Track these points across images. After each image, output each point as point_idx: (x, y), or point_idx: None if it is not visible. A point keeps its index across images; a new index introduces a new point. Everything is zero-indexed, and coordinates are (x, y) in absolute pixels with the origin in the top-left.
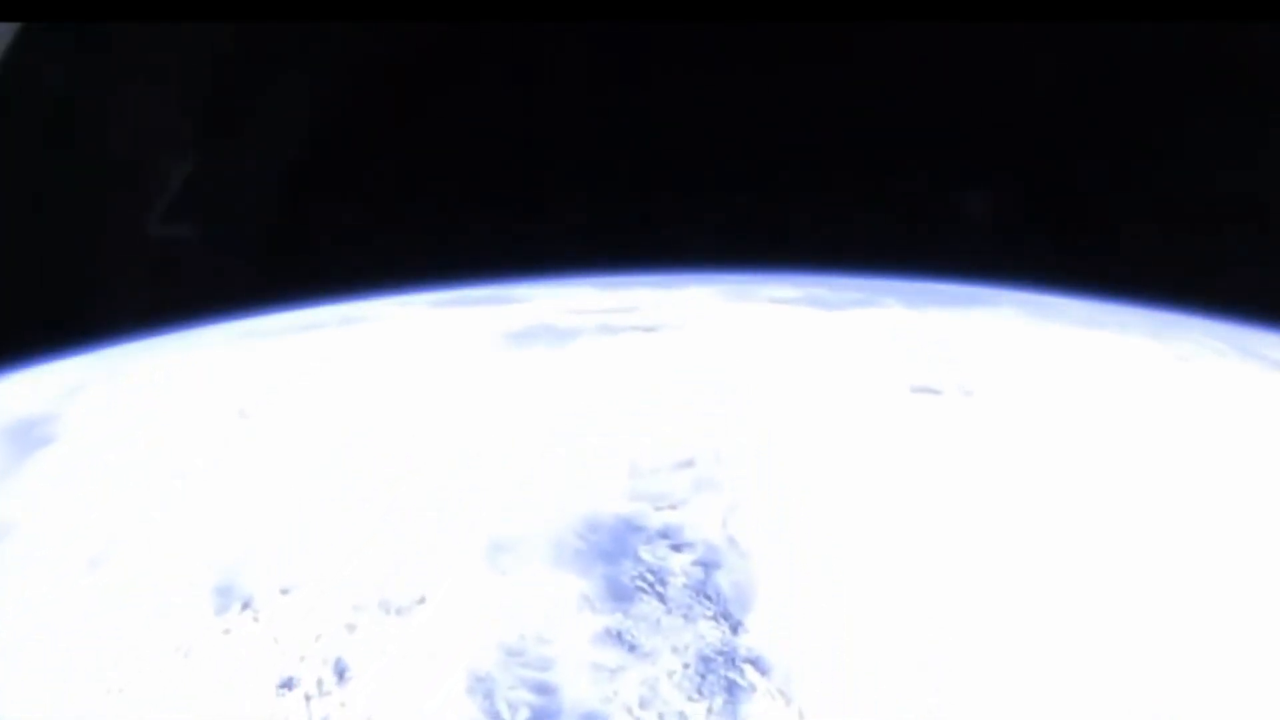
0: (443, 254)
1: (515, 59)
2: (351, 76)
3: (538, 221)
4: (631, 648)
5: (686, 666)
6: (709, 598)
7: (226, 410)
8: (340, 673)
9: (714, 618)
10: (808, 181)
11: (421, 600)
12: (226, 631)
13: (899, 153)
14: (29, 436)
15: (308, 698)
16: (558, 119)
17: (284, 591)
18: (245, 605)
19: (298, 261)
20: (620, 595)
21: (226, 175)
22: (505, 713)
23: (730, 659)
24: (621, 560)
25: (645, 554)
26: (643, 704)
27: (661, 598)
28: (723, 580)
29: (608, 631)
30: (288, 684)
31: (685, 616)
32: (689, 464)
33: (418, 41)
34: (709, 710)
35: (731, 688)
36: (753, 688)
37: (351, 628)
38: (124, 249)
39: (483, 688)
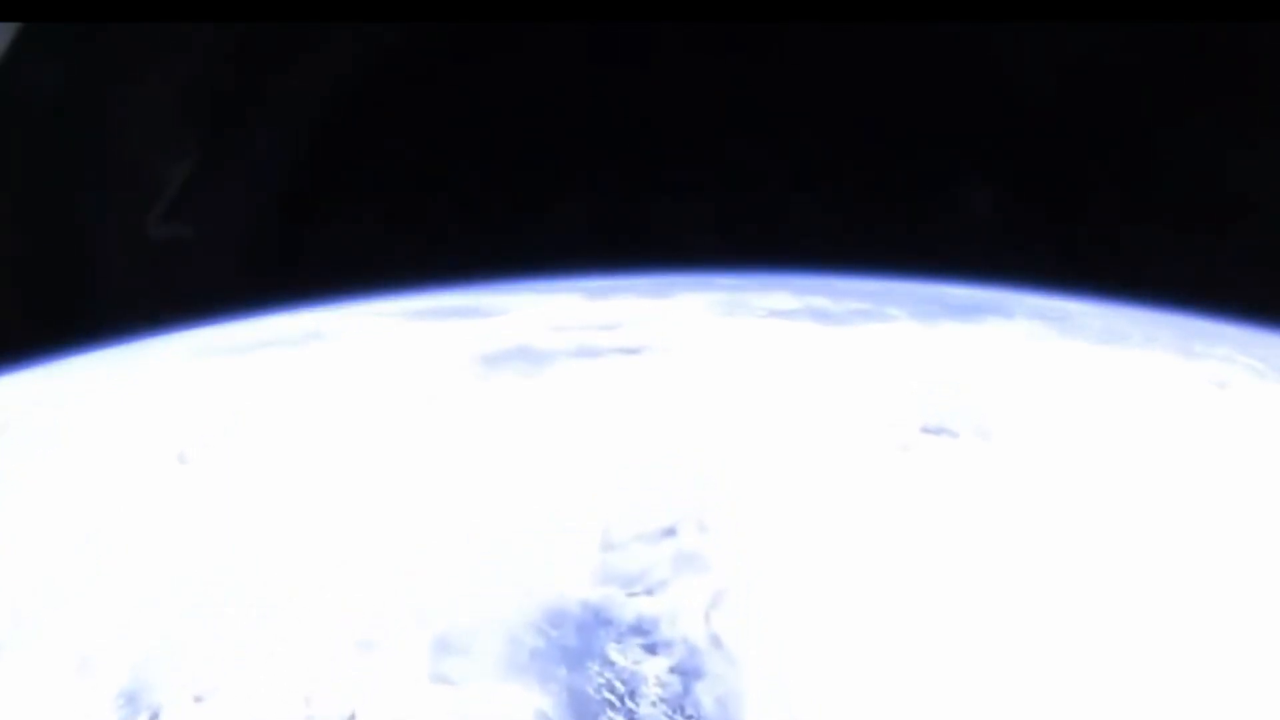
0: (437, 252)
1: (510, 59)
2: (347, 77)
3: (533, 220)
4: None
5: None
6: (689, 718)
7: (165, 454)
8: None
9: None
10: (809, 180)
11: (351, 718)
12: None
13: (901, 152)
14: None
15: None
16: (554, 117)
17: (198, 699)
18: (153, 717)
19: (291, 260)
20: (583, 715)
21: (224, 176)
22: None
23: None
24: (587, 664)
25: (615, 655)
26: None
27: (631, 717)
28: (704, 694)
29: None
30: None
31: None
32: (670, 533)
33: (412, 42)
34: None
35: None
36: None
37: None
38: (122, 249)
39: None
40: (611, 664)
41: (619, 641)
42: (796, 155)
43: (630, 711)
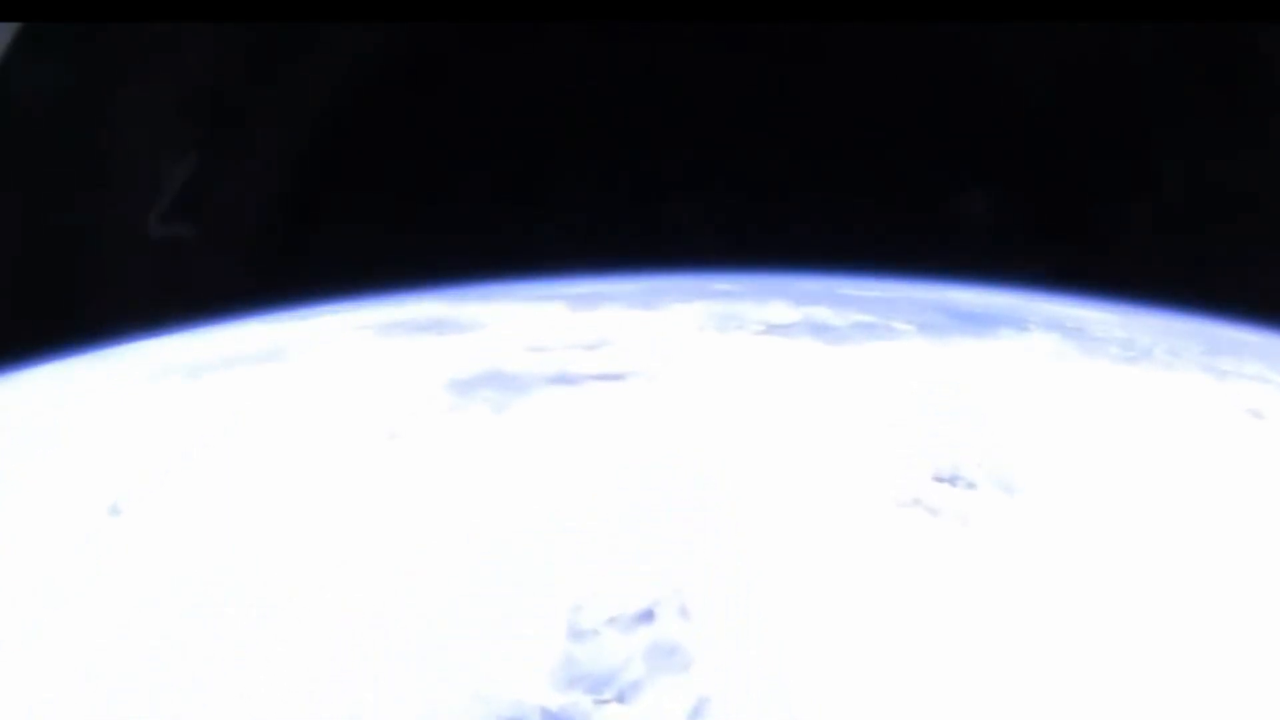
0: (436, 252)
1: (510, 58)
2: (348, 76)
3: (532, 218)
4: None
5: None
6: None
7: (95, 505)
8: None
9: None
10: (808, 179)
11: None
12: None
13: (898, 152)
14: None
15: None
16: (556, 116)
17: None
18: None
19: (292, 260)
20: None
21: (225, 176)
22: None
23: None
24: None
25: None
26: None
27: None
28: None
29: None
30: None
31: None
32: (647, 617)
33: (412, 41)
34: None
35: None
36: None
37: None
38: (123, 249)
39: None
40: None
41: None
42: (795, 155)
43: None
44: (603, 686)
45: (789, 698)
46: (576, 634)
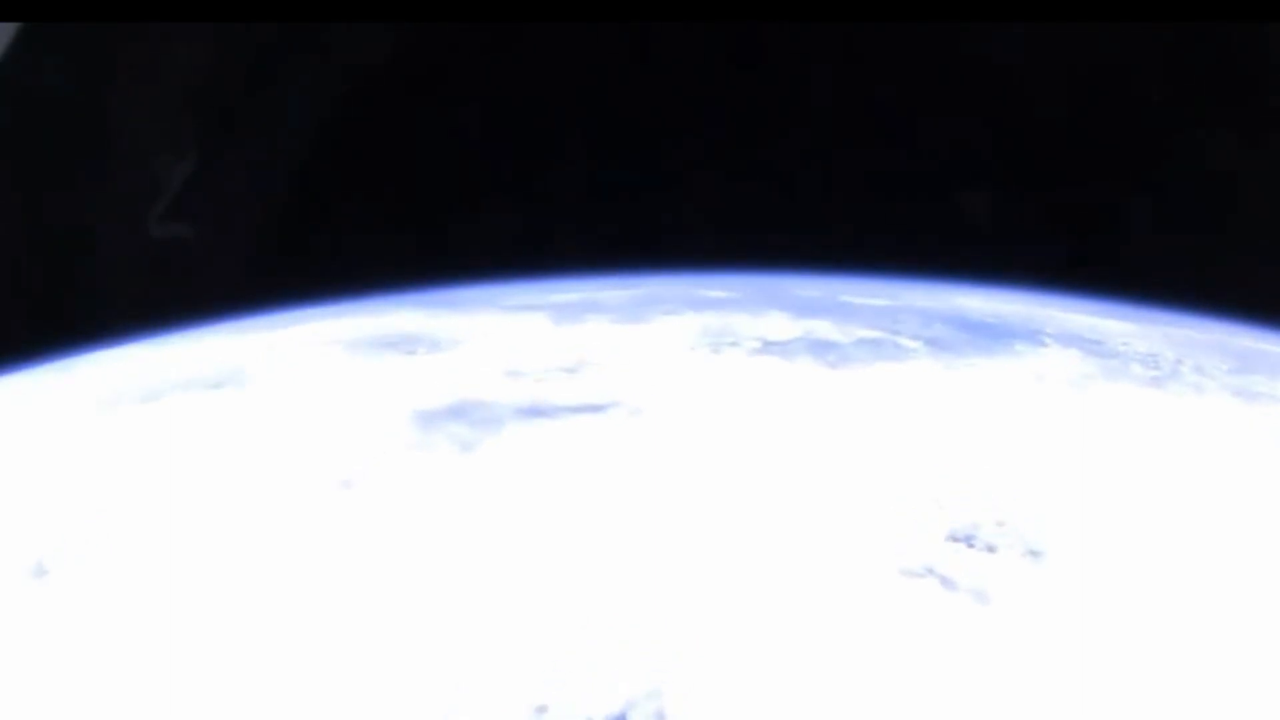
0: (434, 251)
1: (509, 58)
2: (348, 77)
3: (531, 217)
4: None
5: None
6: None
7: (20, 564)
8: None
9: None
10: (810, 180)
11: None
12: None
13: (903, 152)
14: None
15: None
16: (556, 116)
17: None
18: None
19: (292, 260)
20: None
21: (225, 175)
22: None
23: None
24: None
25: None
26: None
27: None
28: None
29: None
30: None
31: None
32: None
33: (413, 41)
34: None
35: None
36: None
37: None
38: (122, 249)
39: None
40: None
41: None
42: (798, 155)
43: None
44: None
45: None
46: None
